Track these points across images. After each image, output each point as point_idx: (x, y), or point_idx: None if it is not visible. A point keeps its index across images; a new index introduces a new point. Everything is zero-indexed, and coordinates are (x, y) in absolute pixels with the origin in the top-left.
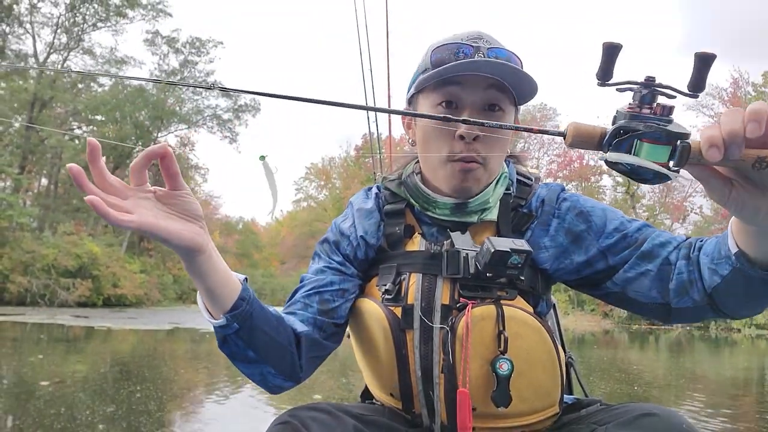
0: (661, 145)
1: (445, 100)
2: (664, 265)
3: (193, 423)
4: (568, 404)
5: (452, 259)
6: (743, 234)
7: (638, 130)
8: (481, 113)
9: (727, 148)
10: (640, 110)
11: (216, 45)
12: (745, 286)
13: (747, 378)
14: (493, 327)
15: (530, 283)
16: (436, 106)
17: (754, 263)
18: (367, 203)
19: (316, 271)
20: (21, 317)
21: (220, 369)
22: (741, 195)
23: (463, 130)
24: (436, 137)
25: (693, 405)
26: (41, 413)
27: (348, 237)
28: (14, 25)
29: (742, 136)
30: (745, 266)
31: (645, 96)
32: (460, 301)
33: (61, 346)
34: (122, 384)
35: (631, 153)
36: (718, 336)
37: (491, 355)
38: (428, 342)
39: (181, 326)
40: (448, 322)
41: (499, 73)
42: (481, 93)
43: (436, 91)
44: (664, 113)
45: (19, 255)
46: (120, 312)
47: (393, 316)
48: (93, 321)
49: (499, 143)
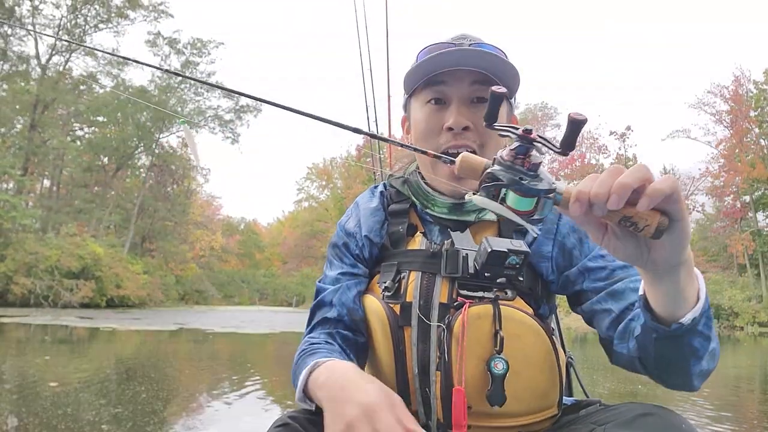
0: (525, 198)
1: (433, 97)
2: (627, 309)
3: (201, 422)
4: (567, 405)
5: (451, 258)
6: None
7: (502, 181)
8: (470, 107)
9: (592, 207)
10: (513, 160)
11: (217, 45)
12: (655, 340)
13: (750, 376)
14: (490, 326)
15: (530, 285)
16: (426, 104)
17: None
18: (372, 202)
19: (332, 280)
20: (26, 319)
21: (224, 369)
22: (613, 241)
23: (451, 122)
24: (426, 134)
25: (696, 404)
26: (50, 413)
27: (354, 236)
28: (16, 27)
29: (605, 202)
30: (647, 316)
31: (520, 147)
32: (458, 300)
33: (69, 347)
34: (129, 384)
35: (498, 198)
36: (721, 334)
37: (487, 354)
38: (426, 340)
39: (186, 327)
40: (445, 320)
41: (483, 63)
42: (467, 87)
43: (425, 89)
44: (531, 168)
45: (23, 256)
46: (124, 313)
47: (392, 313)
48: (98, 322)
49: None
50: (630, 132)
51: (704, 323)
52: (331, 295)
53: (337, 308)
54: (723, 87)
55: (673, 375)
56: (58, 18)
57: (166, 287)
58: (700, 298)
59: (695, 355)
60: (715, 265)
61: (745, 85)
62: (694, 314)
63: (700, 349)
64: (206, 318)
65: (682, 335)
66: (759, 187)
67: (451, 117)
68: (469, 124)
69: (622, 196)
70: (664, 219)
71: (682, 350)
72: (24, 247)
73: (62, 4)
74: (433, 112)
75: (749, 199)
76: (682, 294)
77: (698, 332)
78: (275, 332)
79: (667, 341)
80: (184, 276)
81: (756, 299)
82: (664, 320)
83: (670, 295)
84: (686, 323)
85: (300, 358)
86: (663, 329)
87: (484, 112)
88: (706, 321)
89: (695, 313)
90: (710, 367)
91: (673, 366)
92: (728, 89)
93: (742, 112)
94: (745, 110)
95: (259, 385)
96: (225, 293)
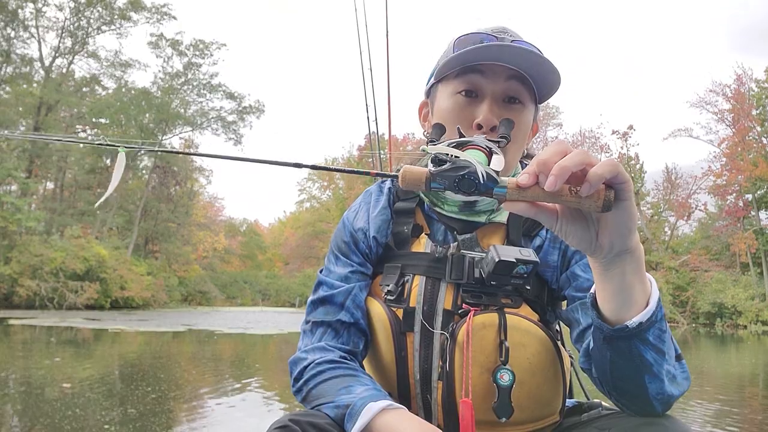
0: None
1: (465, 88)
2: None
3: (212, 422)
4: (568, 407)
5: (457, 264)
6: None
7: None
8: (501, 106)
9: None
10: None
11: (219, 47)
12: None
13: (753, 374)
14: (495, 336)
15: (536, 293)
16: (456, 94)
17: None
18: (379, 199)
19: (341, 277)
20: (33, 321)
21: (235, 369)
22: (565, 226)
23: (481, 119)
24: (454, 126)
25: (699, 403)
26: (64, 414)
27: (365, 233)
28: (19, 29)
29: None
30: (593, 314)
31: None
32: (463, 307)
33: (79, 349)
34: (139, 385)
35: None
36: (724, 333)
37: (492, 365)
38: (428, 346)
39: (194, 328)
40: (449, 328)
41: (523, 62)
42: (503, 83)
43: (458, 78)
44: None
45: (28, 259)
46: (129, 314)
47: (395, 318)
48: (106, 324)
49: (519, 135)
50: (632, 131)
51: (655, 334)
52: (342, 297)
53: (352, 312)
54: (725, 86)
55: (629, 394)
56: (62, 20)
57: (169, 288)
58: (650, 303)
59: (649, 371)
60: (717, 264)
61: (747, 84)
62: (641, 318)
63: (654, 365)
64: (212, 319)
65: (629, 340)
66: (761, 186)
67: (481, 113)
68: (497, 124)
69: (561, 177)
70: (611, 192)
71: (633, 361)
72: (29, 250)
73: (65, 6)
74: (464, 104)
75: (752, 197)
76: (629, 292)
77: (648, 342)
78: (282, 332)
79: (615, 345)
80: (188, 277)
81: (759, 298)
82: (610, 321)
83: (616, 291)
84: (631, 326)
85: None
86: (607, 328)
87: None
88: (658, 333)
89: (642, 317)
90: (673, 391)
91: (627, 383)
92: (730, 88)
93: (744, 111)
94: (747, 109)
95: (260, 385)
96: (227, 294)
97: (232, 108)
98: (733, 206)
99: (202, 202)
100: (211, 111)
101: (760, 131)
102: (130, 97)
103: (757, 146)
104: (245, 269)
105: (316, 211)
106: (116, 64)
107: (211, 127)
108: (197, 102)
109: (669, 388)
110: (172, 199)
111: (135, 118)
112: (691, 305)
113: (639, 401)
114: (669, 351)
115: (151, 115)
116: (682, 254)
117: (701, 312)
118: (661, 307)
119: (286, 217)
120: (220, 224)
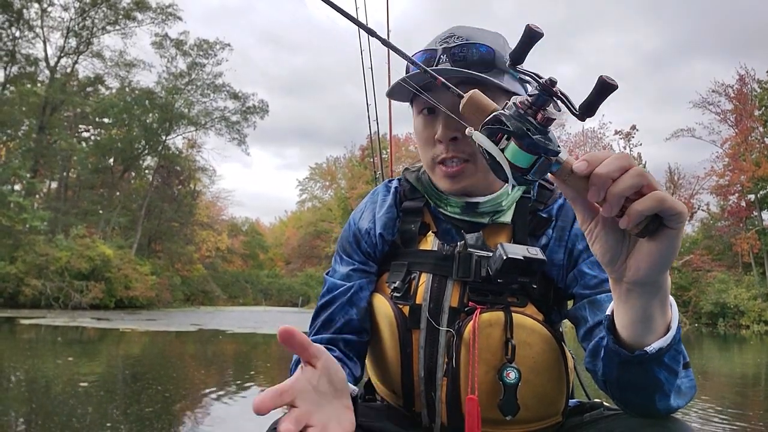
0: (526, 152)
1: (424, 106)
2: (600, 323)
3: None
4: (570, 407)
5: (464, 262)
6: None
7: (507, 127)
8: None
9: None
10: (527, 110)
11: (223, 47)
12: (618, 365)
13: (756, 375)
14: (501, 334)
15: (542, 292)
16: (419, 114)
17: (619, 339)
18: (386, 198)
19: (343, 276)
20: (42, 320)
21: (247, 369)
22: (596, 230)
23: (438, 134)
24: (423, 143)
25: (700, 404)
26: (80, 412)
27: (369, 232)
28: (25, 29)
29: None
30: (609, 338)
31: (539, 97)
32: (469, 304)
33: (90, 348)
34: (152, 384)
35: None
36: (726, 333)
37: (497, 363)
38: (434, 343)
39: (204, 327)
40: (455, 325)
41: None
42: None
43: (417, 99)
44: (543, 123)
45: (33, 258)
46: (135, 314)
47: (401, 315)
48: (115, 323)
49: None
50: (635, 131)
51: (672, 356)
52: (342, 295)
53: (349, 310)
54: (727, 86)
55: (634, 405)
56: (67, 20)
57: (172, 288)
58: (672, 328)
59: (660, 390)
60: (720, 264)
61: (750, 84)
62: (661, 344)
63: (665, 384)
64: (219, 319)
65: (646, 364)
66: (764, 186)
67: (439, 129)
68: (457, 134)
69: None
70: (657, 218)
71: (646, 381)
72: (34, 249)
73: (70, 6)
74: (426, 122)
75: (754, 197)
76: (651, 322)
77: (664, 364)
78: None
79: (630, 368)
80: (191, 277)
81: (762, 298)
82: (628, 346)
83: (637, 319)
84: (651, 352)
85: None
86: (625, 354)
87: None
88: (674, 354)
89: (662, 343)
90: (678, 404)
91: (635, 398)
92: (732, 88)
93: (746, 111)
94: (750, 109)
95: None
96: (230, 294)
97: (236, 108)
98: (735, 206)
99: (205, 201)
100: (215, 111)
101: (763, 131)
102: (134, 97)
103: (760, 146)
104: (247, 269)
105: (317, 211)
106: (120, 64)
107: (215, 127)
108: (201, 102)
109: (675, 402)
110: (176, 199)
111: (139, 118)
112: (694, 305)
113: (644, 410)
114: (680, 368)
115: (154, 115)
116: (685, 254)
117: (704, 312)
118: (680, 328)
119: (287, 216)
120: (222, 224)
